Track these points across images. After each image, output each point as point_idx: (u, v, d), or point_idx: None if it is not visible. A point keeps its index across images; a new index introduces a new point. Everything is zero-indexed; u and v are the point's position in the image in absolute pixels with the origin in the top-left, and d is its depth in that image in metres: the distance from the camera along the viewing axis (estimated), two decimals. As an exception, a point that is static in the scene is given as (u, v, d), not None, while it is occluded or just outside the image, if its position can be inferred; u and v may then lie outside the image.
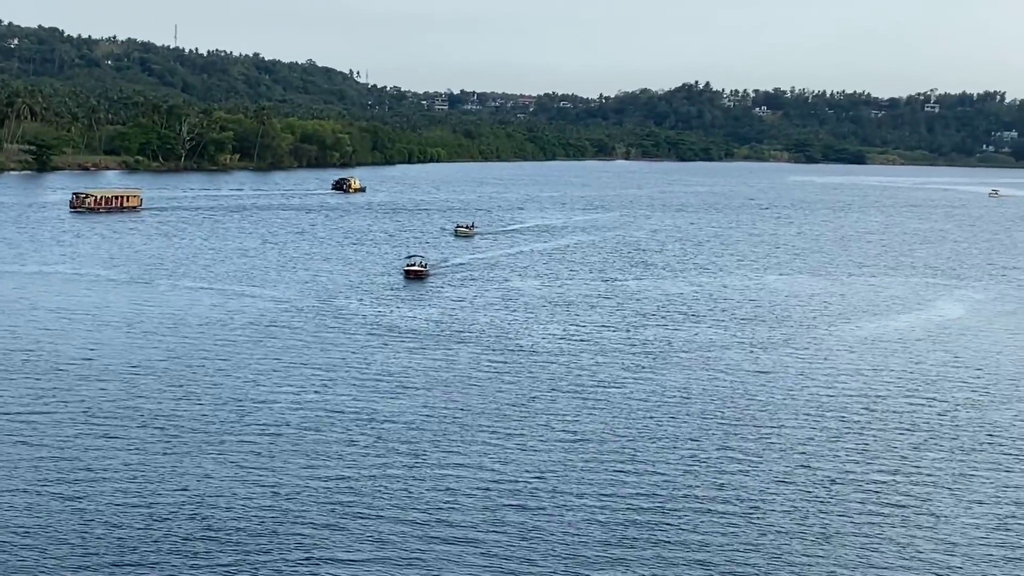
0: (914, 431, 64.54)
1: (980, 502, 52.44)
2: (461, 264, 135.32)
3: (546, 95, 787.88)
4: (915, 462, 58.40)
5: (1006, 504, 52.27)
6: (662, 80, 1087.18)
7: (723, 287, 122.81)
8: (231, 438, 57.76)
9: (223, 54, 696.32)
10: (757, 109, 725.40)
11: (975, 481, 55.54)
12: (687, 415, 66.02)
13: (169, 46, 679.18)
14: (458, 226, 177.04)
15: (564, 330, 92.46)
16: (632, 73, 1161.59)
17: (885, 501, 52.01)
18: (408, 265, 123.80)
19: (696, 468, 55.52)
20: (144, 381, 69.24)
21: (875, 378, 78.21)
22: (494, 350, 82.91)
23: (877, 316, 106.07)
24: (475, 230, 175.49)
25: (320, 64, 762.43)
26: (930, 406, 70.71)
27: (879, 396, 72.84)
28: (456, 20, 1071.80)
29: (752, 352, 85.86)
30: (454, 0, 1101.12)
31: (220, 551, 43.01)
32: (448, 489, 50.80)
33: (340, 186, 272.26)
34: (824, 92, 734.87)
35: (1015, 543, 47.28)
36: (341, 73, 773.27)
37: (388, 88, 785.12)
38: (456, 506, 48.71)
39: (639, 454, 57.44)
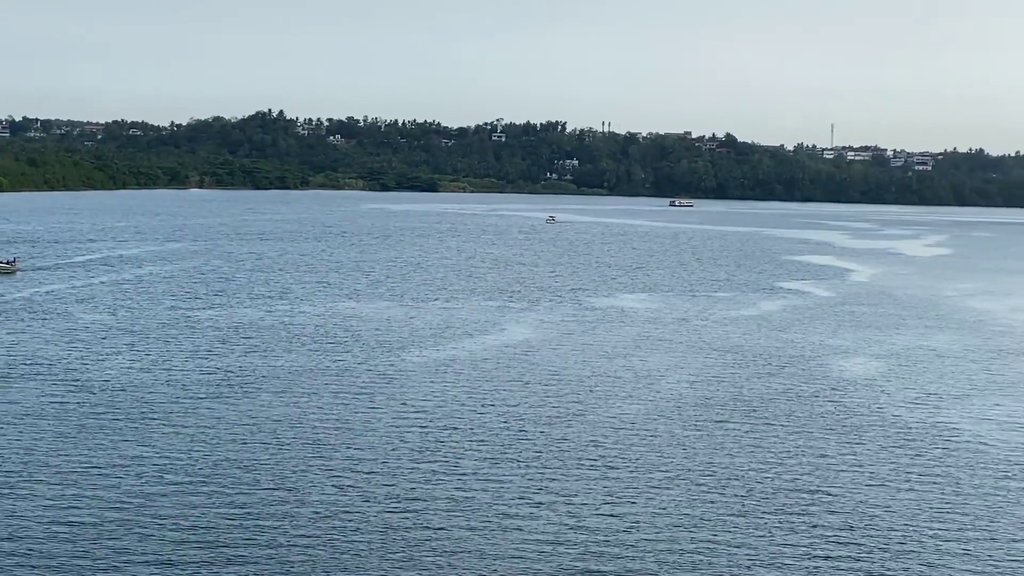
0: (486, 444, 67.36)
1: (538, 508, 55.35)
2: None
3: (115, 122, 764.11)
4: (489, 472, 61.04)
5: (566, 514, 55.41)
6: (236, 108, 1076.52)
7: (301, 313, 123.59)
8: None
9: None
10: (331, 138, 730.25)
11: (540, 490, 58.59)
12: (265, 443, 66.45)
13: None
14: None
15: (130, 361, 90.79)
16: (206, 101, 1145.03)
17: (469, 514, 54.14)
18: None
19: (249, 498, 55.92)
20: None
21: (447, 397, 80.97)
22: (55, 384, 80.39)
23: (451, 339, 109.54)
24: (17, 266, 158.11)
25: None
26: (503, 423, 73.92)
27: (453, 414, 75.53)
28: (13, 43, 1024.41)
29: (327, 376, 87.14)
30: (10, 23, 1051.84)
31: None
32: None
33: None
34: (397, 121, 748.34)
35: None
36: None
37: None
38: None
39: (180, 482, 57.31)
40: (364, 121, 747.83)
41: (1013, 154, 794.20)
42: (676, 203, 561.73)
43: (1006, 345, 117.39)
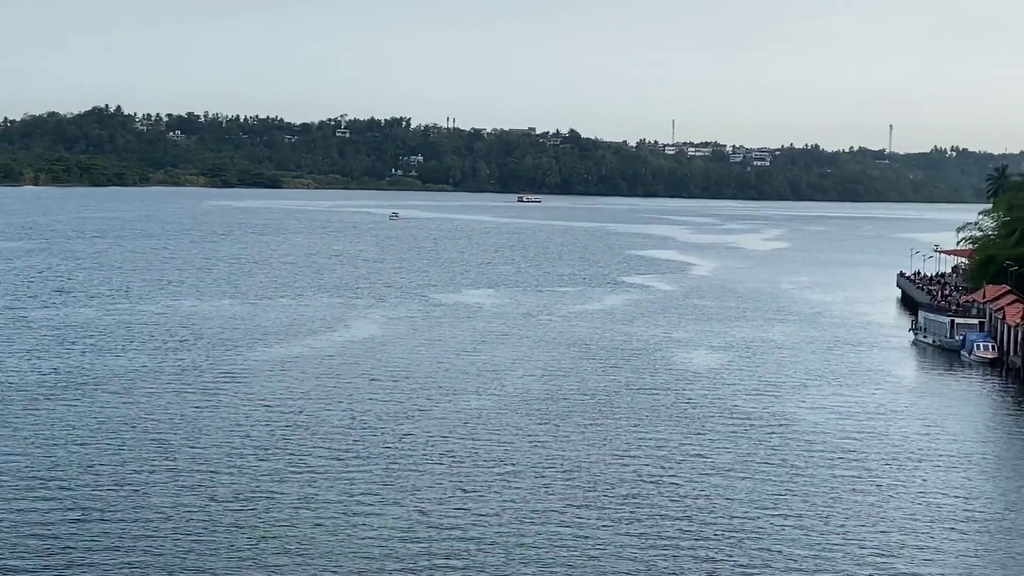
0: (333, 441, 67.21)
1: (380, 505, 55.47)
2: None
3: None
4: (337, 469, 60.94)
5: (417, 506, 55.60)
6: (71, 104, 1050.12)
7: (142, 312, 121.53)
8: None
9: None
10: (172, 134, 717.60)
11: (387, 485, 58.69)
12: (105, 443, 65.35)
13: None
14: None
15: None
16: (40, 96, 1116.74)
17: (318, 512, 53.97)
18: None
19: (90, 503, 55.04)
20: None
21: (293, 395, 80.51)
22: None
23: (296, 336, 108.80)
24: None
25: None
26: (350, 419, 73.77)
27: (299, 412, 75.16)
28: None
29: (169, 375, 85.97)
30: None
31: None
32: None
33: None
34: (239, 117, 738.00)
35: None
36: None
37: None
38: None
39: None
40: (205, 117, 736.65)
41: (847, 150, 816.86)
42: (524, 199, 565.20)
43: (842, 336, 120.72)
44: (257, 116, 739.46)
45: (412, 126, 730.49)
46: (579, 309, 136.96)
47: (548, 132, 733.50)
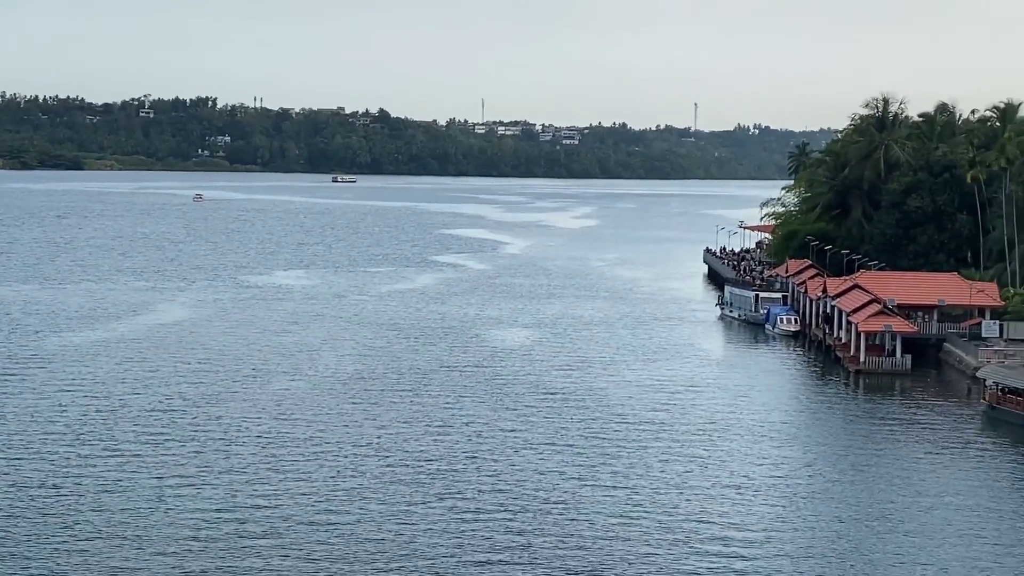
0: (142, 424, 66.20)
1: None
2: None
3: None
4: (146, 453, 59.96)
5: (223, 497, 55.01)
6: None
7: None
8: None
9: None
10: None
11: (200, 468, 57.96)
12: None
13: None
14: None
15: None
16: None
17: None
18: None
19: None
20: None
21: (99, 379, 78.81)
22: None
23: (102, 320, 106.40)
24: None
25: None
26: (160, 403, 72.54)
27: (105, 396, 73.65)
28: None
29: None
30: None
31: None
32: None
33: None
34: (37, 97, 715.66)
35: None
36: None
37: None
38: None
39: None
40: (2, 98, 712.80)
41: (654, 128, 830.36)
42: (339, 179, 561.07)
43: (651, 312, 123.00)
44: (57, 96, 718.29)
45: (219, 106, 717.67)
46: (392, 289, 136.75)
47: (357, 111, 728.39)
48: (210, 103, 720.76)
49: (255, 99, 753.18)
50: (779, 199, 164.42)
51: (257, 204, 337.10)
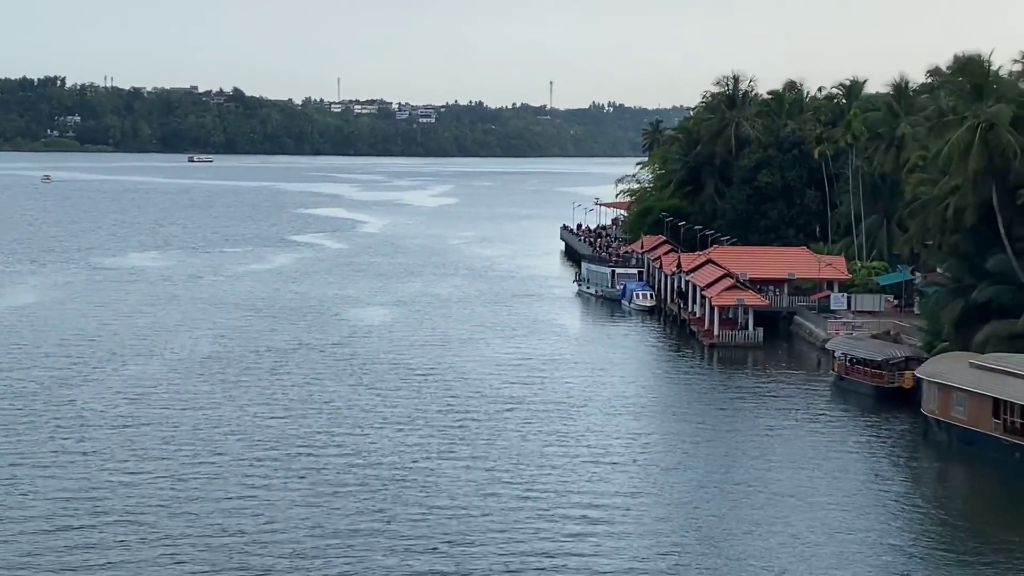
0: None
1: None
2: None
3: None
4: (-2, 444, 58.82)
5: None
6: None
7: None
8: None
9: None
10: None
11: (56, 451, 57.05)
12: None
13: None
14: None
15: None
16: None
17: None
18: None
19: None
20: None
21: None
22: None
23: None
24: None
25: None
26: (9, 386, 71.28)
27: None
28: None
29: None
30: None
31: None
32: None
33: None
34: None
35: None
36: None
37: None
38: None
39: None
40: None
41: (510, 106, 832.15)
42: (195, 159, 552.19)
43: (509, 288, 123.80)
44: None
45: (68, 85, 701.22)
46: (249, 269, 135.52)
47: (211, 91, 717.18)
48: (59, 82, 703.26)
49: (106, 78, 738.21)
50: (634, 176, 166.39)
51: (109, 184, 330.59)
